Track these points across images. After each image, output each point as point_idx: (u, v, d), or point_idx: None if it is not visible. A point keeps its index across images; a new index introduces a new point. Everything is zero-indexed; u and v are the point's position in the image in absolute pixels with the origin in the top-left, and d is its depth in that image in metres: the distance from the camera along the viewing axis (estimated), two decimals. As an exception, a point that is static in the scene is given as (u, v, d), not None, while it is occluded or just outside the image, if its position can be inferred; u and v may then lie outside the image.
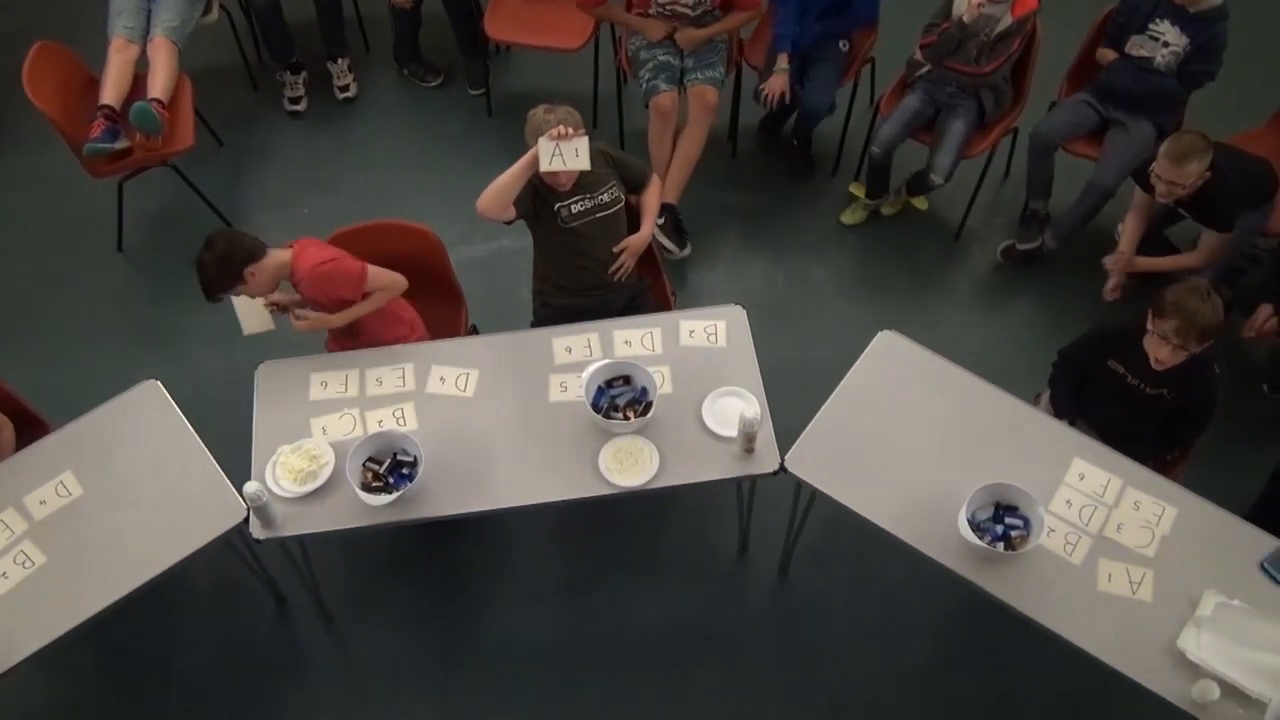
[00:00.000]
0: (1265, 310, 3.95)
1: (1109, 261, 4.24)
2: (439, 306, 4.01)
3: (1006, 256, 4.77)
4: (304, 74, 5.36)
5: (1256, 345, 4.21)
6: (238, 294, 3.48)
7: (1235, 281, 4.41)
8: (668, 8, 4.55)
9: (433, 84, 5.46)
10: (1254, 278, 4.19)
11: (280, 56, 5.31)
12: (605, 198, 3.78)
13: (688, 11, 4.54)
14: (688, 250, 4.76)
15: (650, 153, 4.67)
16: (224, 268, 3.39)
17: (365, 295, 3.58)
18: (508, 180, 3.58)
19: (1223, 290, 3.53)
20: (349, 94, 5.40)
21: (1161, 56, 4.26)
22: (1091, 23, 4.49)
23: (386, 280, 3.60)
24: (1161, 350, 3.27)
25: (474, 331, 4.12)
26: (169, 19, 4.71)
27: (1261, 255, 4.41)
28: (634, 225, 3.94)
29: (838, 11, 4.61)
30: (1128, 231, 4.23)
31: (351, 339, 3.70)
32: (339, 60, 5.34)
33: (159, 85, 4.57)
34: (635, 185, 3.93)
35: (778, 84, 4.59)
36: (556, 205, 3.72)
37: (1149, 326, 3.29)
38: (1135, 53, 4.33)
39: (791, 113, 4.90)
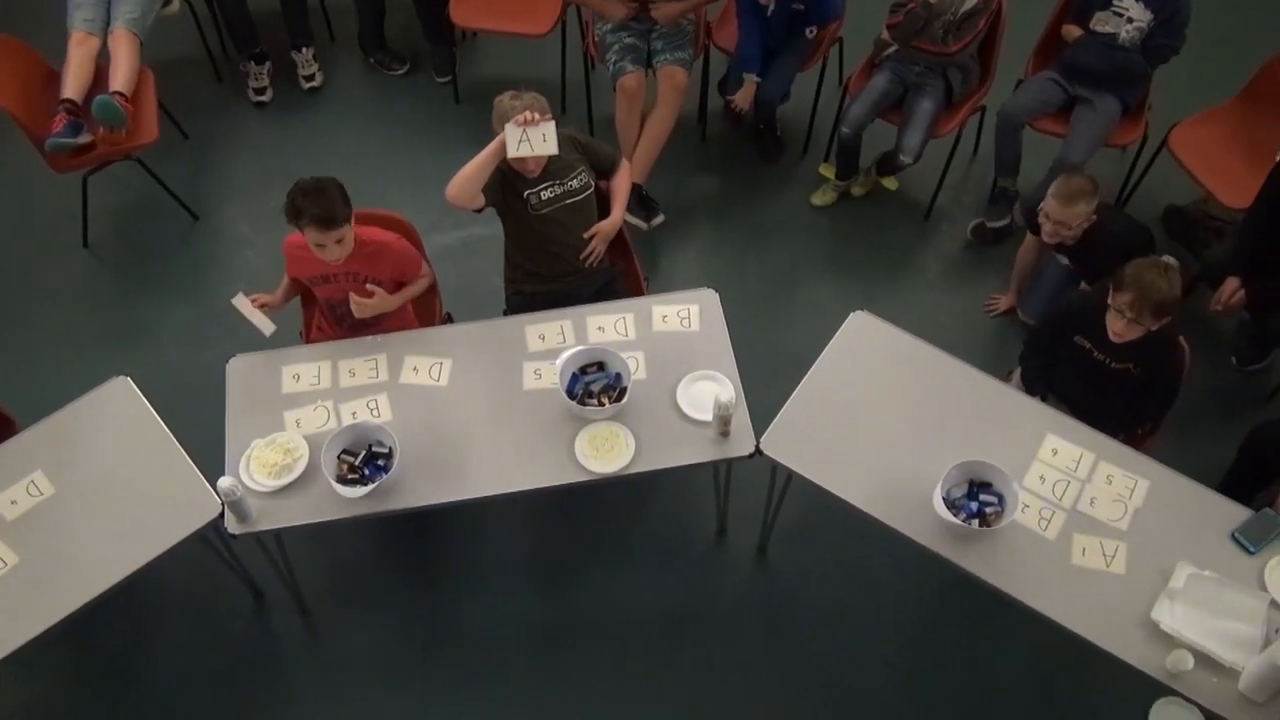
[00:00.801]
0: (1232, 284, 3.98)
1: (1002, 303, 4.51)
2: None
3: (977, 234, 4.80)
4: (268, 64, 5.31)
5: (1224, 319, 4.25)
6: (339, 239, 3.42)
7: (1201, 255, 4.46)
8: None
9: (399, 72, 5.43)
10: (1219, 251, 4.23)
11: (244, 47, 5.26)
12: (575, 184, 3.77)
13: None
14: (659, 219, 4.74)
15: (618, 135, 4.67)
16: (345, 200, 3.39)
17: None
18: (475, 167, 3.57)
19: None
20: (314, 84, 5.35)
21: (1126, 32, 4.28)
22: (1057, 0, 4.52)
23: (428, 270, 3.69)
24: (1118, 324, 3.32)
25: (448, 319, 4.10)
26: (129, 10, 4.65)
27: (1226, 229, 4.46)
28: (604, 210, 3.93)
29: (804, 13, 4.61)
30: (1018, 270, 4.42)
31: (363, 328, 3.69)
32: (304, 50, 5.30)
33: (121, 78, 4.52)
34: (605, 170, 3.93)
35: (746, 97, 4.61)
36: (526, 192, 3.71)
37: (1109, 301, 3.32)
38: (1100, 29, 4.35)
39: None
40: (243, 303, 3.58)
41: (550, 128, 3.48)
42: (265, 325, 3.61)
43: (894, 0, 4.43)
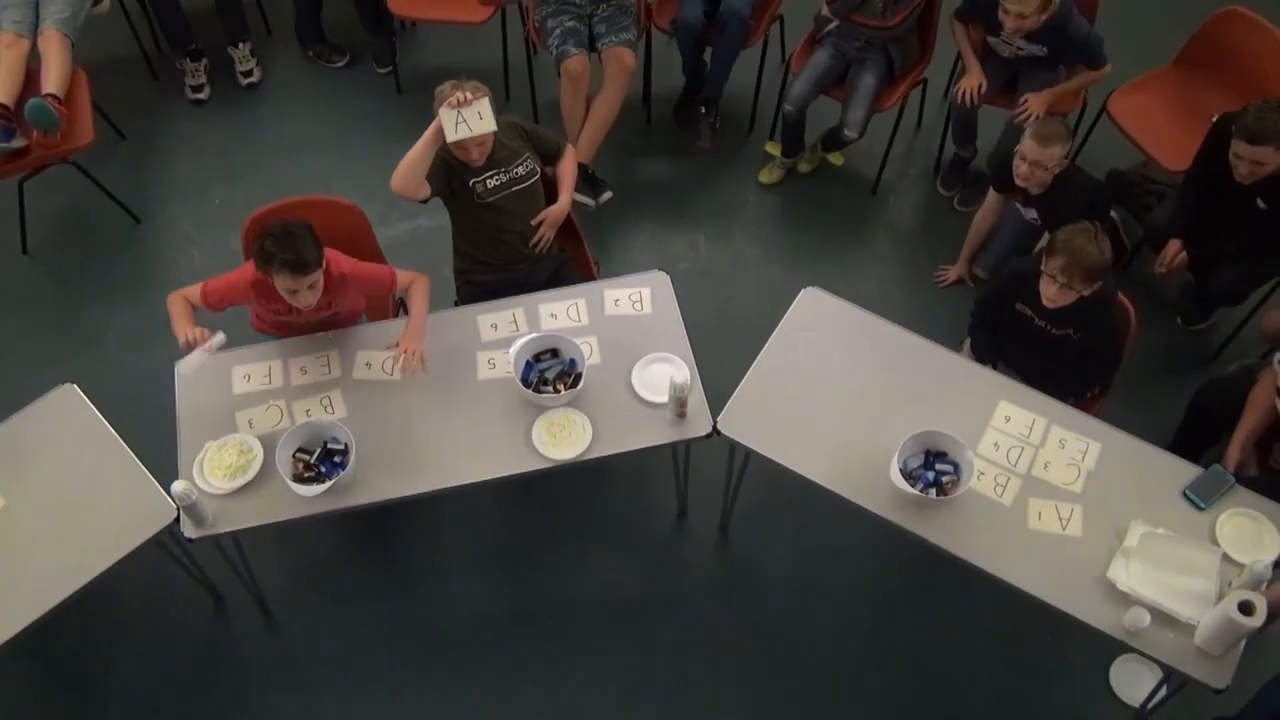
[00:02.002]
0: (1174, 245, 4.04)
1: (951, 274, 4.57)
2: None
3: (948, 179, 4.90)
4: (204, 61, 5.23)
5: (1168, 280, 4.31)
6: (312, 284, 3.31)
7: (1144, 219, 4.52)
8: None
9: (339, 64, 5.37)
10: (1160, 214, 4.29)
11: (179, 44, 5.17)
12: (520, 171, 3.75)
13: None
14: (607, 195, 4.72)
15: (563, 119, 4.64)
16: (317, 242, 3.30)
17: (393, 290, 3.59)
18: (416, 155, 3.53)
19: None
20: (253, 79, 5.28)
21: (1020, 54, 4.34)
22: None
23: (406, 274, 3.59)
24: (1050, 289, 3.37)
25: (401, 306, 4.06)
26: (59, 10, 4.56)
27: (1166, 191, 4.52)
28: (552, 197, 3.91)
29: None
30: (971, 238, 4.47)
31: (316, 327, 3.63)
32: (240, 45, 5.23)
33: (53, 80, 4.42)
34: (550, 156, 3.91)
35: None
36: (471, 181, 3.68)
37: (1041, 266, 3.37)
38: (998, 51, 4.42)
39: (701, 49, 4.87)
40: (192, 363, 3.38)
41: (485, 105, 3.45)
42: (217, 340, 3.41)
43: (833, -24, 4.44)
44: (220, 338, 3.35)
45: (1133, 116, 4.46)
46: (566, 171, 3.92)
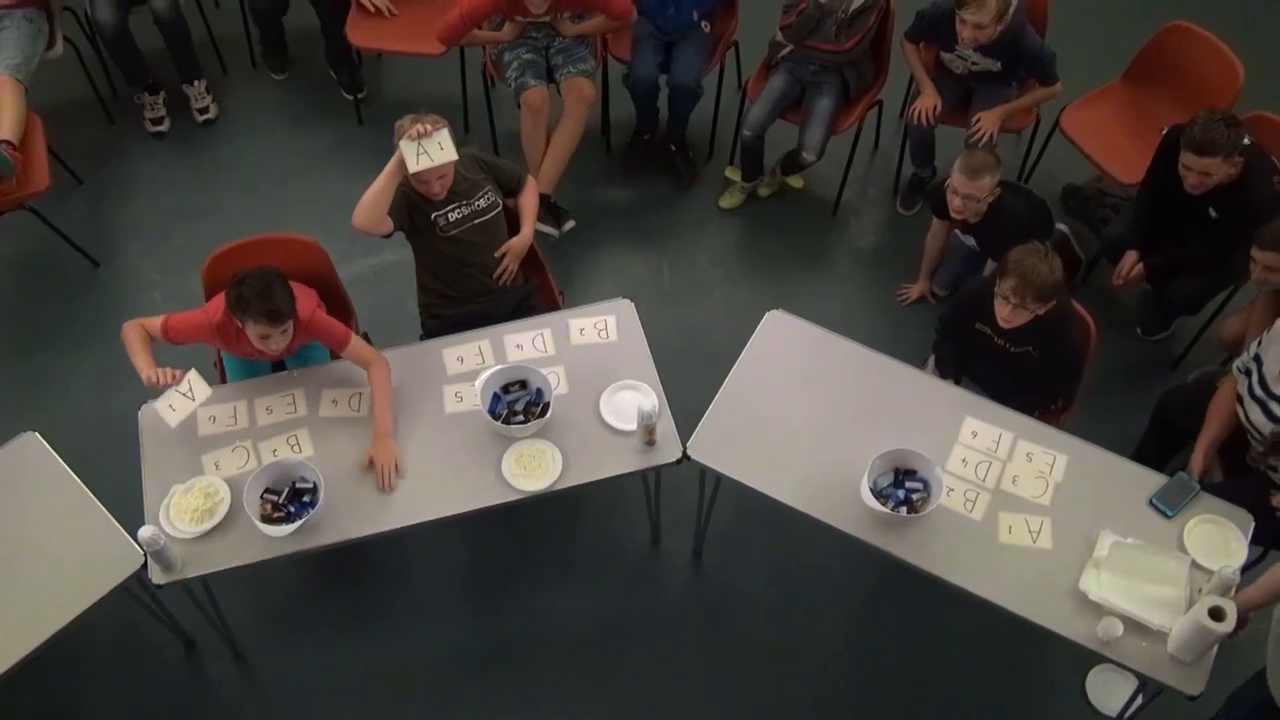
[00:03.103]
0: (1130, 257, 4.10)
1: (913, 292, 4.61)
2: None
3: (908, 198, 4.93)
4: (163, 93, 5.22)
5: (1126, 291, 4.36)
6: (284, 331, 3.30)
7: (1100, 232, 4.58)
8: (526, 31, 4.55)
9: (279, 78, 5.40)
10: (1116, 226, 4.34)
11: (135, 80, 5.16)
12: (482, 203, 3.75)
13: (542, 18, 4.49)
14: (570, 224, 4.74)
15: (524, 151, 4.65)
16: (290, 291, 3.30)
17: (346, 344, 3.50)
18: (377, 190, 3.53)
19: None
20: (209, 115, 5.26)
21: (974, 70, 4.40)
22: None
23: (370, 353, 3.51)
24: (1005, 309, 3.40)
25: (366, 339, 4.04)
26: (11, 56, 4.53)
27: (1121, 204, 4.58)
28: (514, 229, 3.91)
29: None
30: (927, 258, 4.51)
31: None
32: (195, 83, 5.21)
33: (7, 126, 4.38)
34: (511, 188, 3.91)
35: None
36: (433, 215, 3.68)
37: (995, 288, 3.40)
38: (950, 68, 4.48)
39: (654, 97, 4.88)
40: (175, 413, 3.37)
41: (444, 135, 3.45)
42: (198, 390, 3.38)
43: (785, 1, 4.48)
44: (192, 378, 3.34)
45: (1085, 131, 4.52)
46: (528, 203, 3.93)
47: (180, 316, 3.47)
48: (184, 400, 3.35)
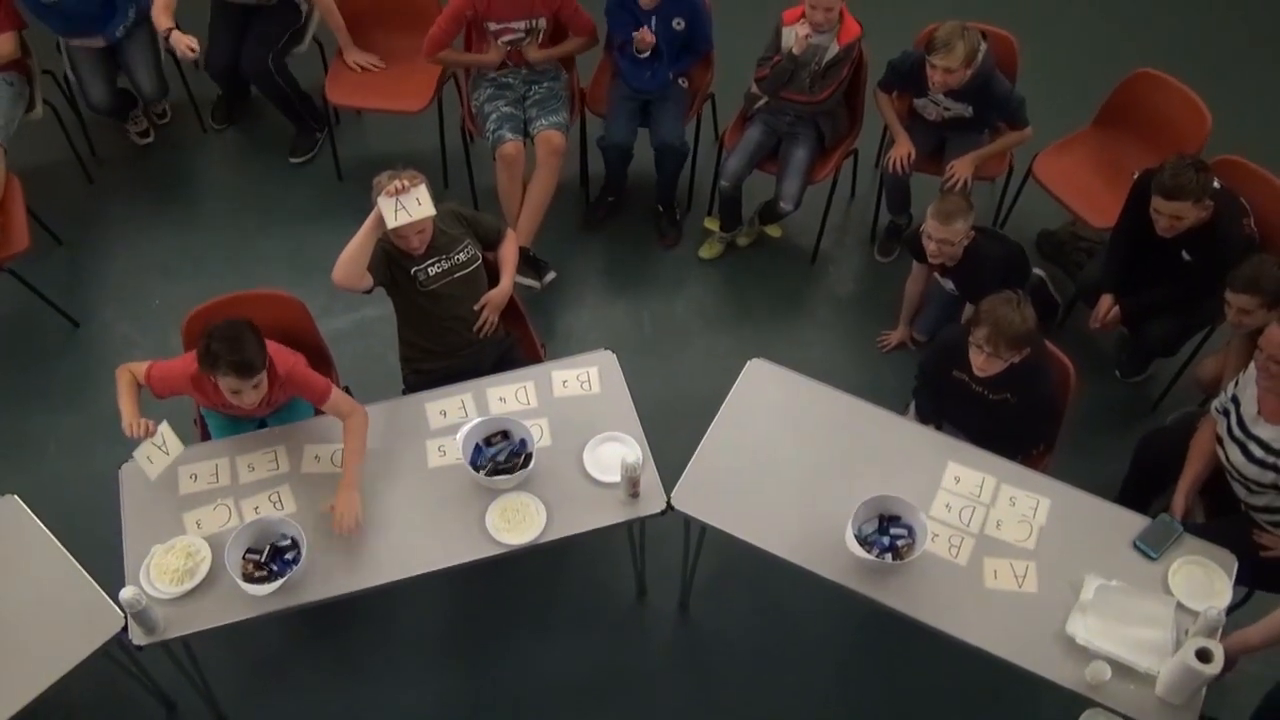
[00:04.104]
0: (1106, 301, 4.13)
1: (893, 338, 4.64)
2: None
3: (886, 245, 4.98)
4: (137, 108, 5.32)
5: (1104, 334, 4.40)
6: (256, 384, 3.28)
7: (1076, 276, 4.62)
8: (500, 38, 4.60)
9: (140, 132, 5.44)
10: (1092, 270, 4.39)
11: (121, 116, 5.29)
12: (461, 257, 3.76)
13: (521, 36, 4.60)
14: (551, 275, 4.78)
15: (501, 204, 4.69)
16: (262, 343, 3.27)
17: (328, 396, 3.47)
18: (356, 246, 3.54)
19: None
20: (148, 140, 5.40)
21: (947, 116, 4.47)
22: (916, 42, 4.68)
23: (349, 405, 3.49)
24: (979, 358, 3.43)
25: (348, 392, 4.02)
26: None
27: (1096, 248, 4.63)
28: (495, 281, 3.93)
29: (682, 53, 4.71)
30: (906, 303, 4.54)
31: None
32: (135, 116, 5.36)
33: None
34: (490, 242, 3.93)
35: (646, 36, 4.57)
36: (413, 270, 3.69)
37: (969, 337, 3.43)
38: (923, 114, 4.55)
39: (627, 162, 4.93)
40: (154, 467, 3.34)
41: (422, 190, 3.48)
42: (175, 446, 3.36)
43: (760, 55, 4.54)
44: (164, 430, 3.31)
45: (1058, 177, 4.58)
46: (508, 255, 3.95)
47: (163, 365, 3.46)
48: (159, 453, 3.33)
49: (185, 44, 4.64)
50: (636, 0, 4.48)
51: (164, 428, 3.33)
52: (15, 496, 3.40)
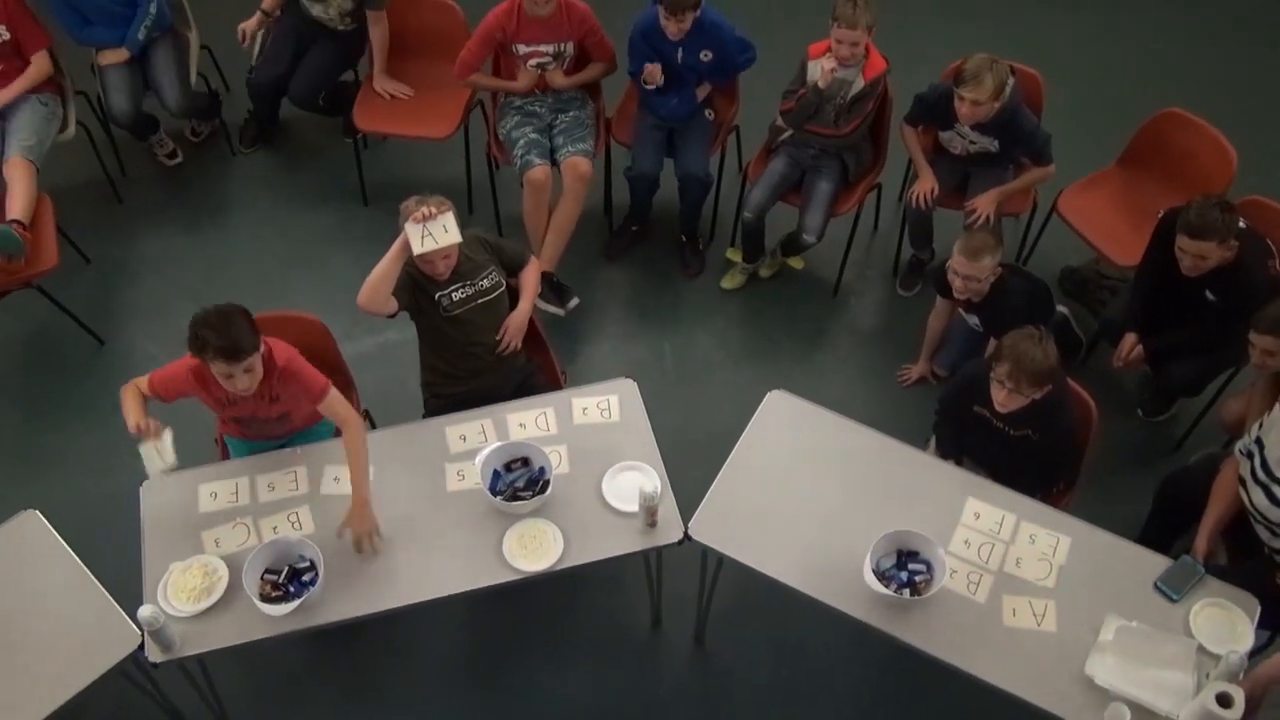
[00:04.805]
0: (1130, 339, 4.12)
1: (914, 373, 4.62)
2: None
3: (907, 280, 4.97)
4: (160, 130, 5.39)
5: (1127, 373, 4.38)
6: (248, 368, 3.26)
7: (1099, 314, 4.61)
8: (529, 61, 4.65)
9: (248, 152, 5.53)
10: (1115, 308, 4.37)
11: (147, 136, 5.36)
12: (485, 283, 3.78)
13: (549, 60, 4.65)
14: (574, 302, 4.80)
15: (526, 229, 4.72)
16: (253, 327, 3.26)
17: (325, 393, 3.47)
18: (382, 271, 3.56)
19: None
20: (177, 160, 5.47)
21: (972, 150, 4.48)
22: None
23: (345, 409, 3.51)
24: (1000, 393, 3.41)
25: (367, 417, 4.04)
26: (25, 138, 4.61)
27: (1119, 286, 4.62)
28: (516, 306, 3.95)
29: (715, 73, 4.73)
30: (929, 338, 4.53)
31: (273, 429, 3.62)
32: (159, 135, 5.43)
33: (18, 206, 4.45)
34: (514, 268, 3.95)
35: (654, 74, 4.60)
36: (437, 295, 3.71)
37: (991, 372, 3.42)
38: (949, 148, 4.56)
39: (653, 192, 4.95)
40: (155, 467, 3.39)
41: (449, 218, 3.50)
42: (166, 444, 3.41)
43: (785, 88, 4.57)
44: (168, 436, 3.35)
45: (1082, 214, 4.58)
46: (529, 279, 3.97)
47: (162, 370, 3.46)
48: (158, 457, 3.35)
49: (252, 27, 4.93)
50: (661, 33, 4.51)
51: (168, 434, 3.36)
52: (36, 511, 3.42)
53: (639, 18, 4.60)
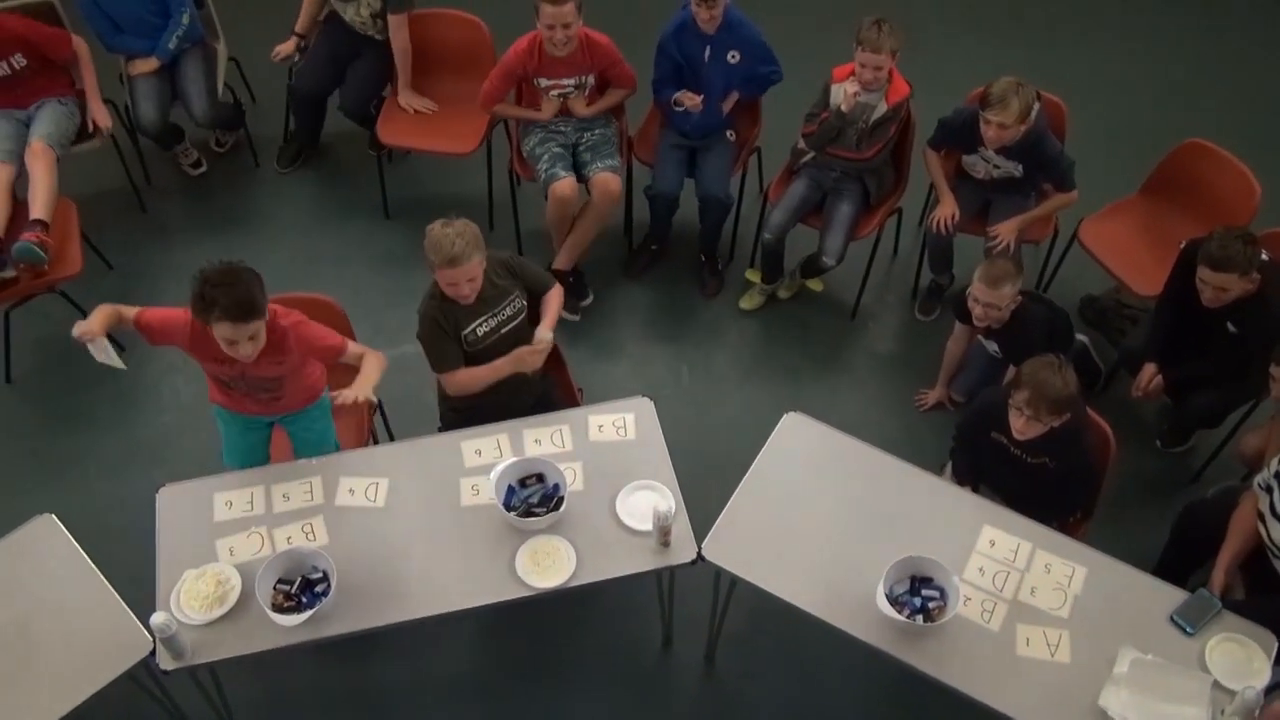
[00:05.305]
0: (1149, 369, 4.10)
1: (931, 398, 4.62)
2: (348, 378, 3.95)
3: (925, 305, 4.97)
4: (185, 139, 5.44)
5: (1146, 403, 4.35)
6: (253, 334, 3.21)
7: (1118, 343, 4.59)
8: (551, 92, 4.67)
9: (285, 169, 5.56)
10: (1135, 338, 4.36)
11: (171, 146, 5.42)
12: (509, 311, 3.76)
13: (570, 90, 4.67)
14: (588, 300, 4.88)
15: (547, 229, 4.78)
16: (262, 289, 3.21)
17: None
18: (479, 379, 3.67)
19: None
20: (201, 170, 5.53)
21: (996, 174, 4.47)
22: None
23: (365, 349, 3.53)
24: (1019, 421, 3.40)
25: (386, 426, 4.03)
26: (45, 128, 4.67)
27: (1140, 315, 4.60)
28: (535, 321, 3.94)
29: (745, 84, 4.74)
30: (946, 363, 4.53)
31: (262, 393, 3.59)
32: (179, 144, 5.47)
33: (40, 202, 4.47)
34: (537, 291, 3.91)
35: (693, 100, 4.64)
36: (463, 333, 3.69)
37: (1009, 399, 3.41)
38: (971, 172, 4.56)
39: (673, 212, 4.96)
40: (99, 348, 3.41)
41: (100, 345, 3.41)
42: (116, 362, 3.44)
43: (808, 111, 4.58)
44: (107, 353, 3.38)
45: (1103, 243, 4.57)
46: (552, 303, 3.91)
47: (156, 310, 3.41)
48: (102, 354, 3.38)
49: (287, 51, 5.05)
50: (691, 34, 4.55)
51: (102, 342, 3.36)
52: (53, 515, 3.44)
53: (667, 25, 4.65)
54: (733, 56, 4.63)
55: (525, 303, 3.85)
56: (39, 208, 4.48)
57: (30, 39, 4.67)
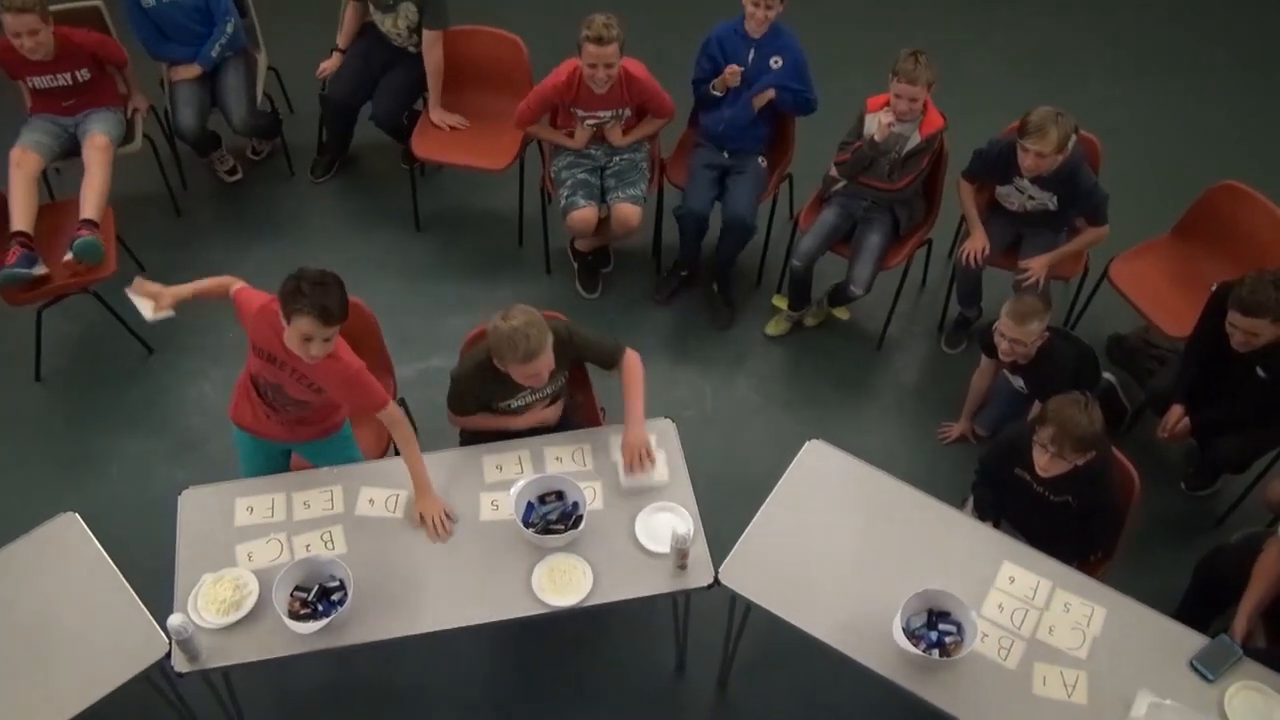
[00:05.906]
0: (1176, 411, 4.07)
1: (954, 431, 4.62)
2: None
3: (952, 338, 4.97)
4: (222, 146, 5.50)
5: (1171, 445, 4.32)
6: (327, 338, 3.25)
7: (1146, 383, 4.56)
8: (586, 121, 4.69)
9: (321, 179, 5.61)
10: (1162, 379, 4.32)
11: (208, 152, 5.48)
12: (549, 390, 3.72)
13: (607, 120, 4.70)
14: (607, 268, 5.06)
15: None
16: (346, 301, 3.29)
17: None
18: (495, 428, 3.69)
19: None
20: (237, 177, 5.60)
21: (1030, 206, 4.46)
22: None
23: (399, 414, 3.56)
24: (1043, 458, 3.38)
25: (403, 405, 4.03)
26: (104, 125, 4.76)
27: (1168, 356, 4.57)
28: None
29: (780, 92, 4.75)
30: (971, 397, 4.51)
31: (286, 412, 3.60)
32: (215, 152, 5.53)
33: (92, 201, 4.54)
34: (607, 365, 3.75)
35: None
36: (499, 404, 3.70)
37: (1034, 436, 3.39)
38: (1005, 204, 4.54)
39: (703, 234, 4.96)
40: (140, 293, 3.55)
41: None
42: (147, 311, 3.56)
43: (841, 139, 4.58)
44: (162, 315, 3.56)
45: (1133, 282, 4.55)
46: (632, 379, 3.68)
47: (251, 291, 3.54)
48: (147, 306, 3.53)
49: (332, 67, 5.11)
50: (738, 37, 4.61)
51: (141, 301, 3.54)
52: (75, 514, 3.47)
53: (716, 29, 4.70)
54: (775, 62, 4.65)
55: (565, 377, 3.77)
56: (90, 206, 4.54)
57: (97, 52, 4.77)
